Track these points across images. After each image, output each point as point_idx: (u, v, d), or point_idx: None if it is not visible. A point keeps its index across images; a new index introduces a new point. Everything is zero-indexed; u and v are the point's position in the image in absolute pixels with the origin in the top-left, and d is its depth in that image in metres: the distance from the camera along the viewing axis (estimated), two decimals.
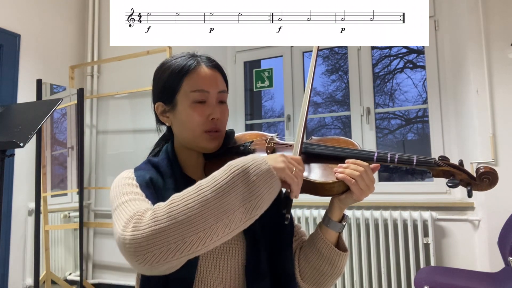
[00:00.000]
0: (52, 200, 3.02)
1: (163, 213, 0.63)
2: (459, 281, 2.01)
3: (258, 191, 0.65)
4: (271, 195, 0.67)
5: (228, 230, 0.64)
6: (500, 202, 2.25)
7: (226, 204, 0.63)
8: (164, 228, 0.61)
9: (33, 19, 3.00)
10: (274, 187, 0.67)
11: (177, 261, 0.63)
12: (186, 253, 0.62)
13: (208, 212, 0.62)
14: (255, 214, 0.66)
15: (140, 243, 0.61)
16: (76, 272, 3.17)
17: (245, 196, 0.64)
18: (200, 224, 0.62)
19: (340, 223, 0.86)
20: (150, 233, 0.61)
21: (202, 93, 0.84)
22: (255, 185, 0.65)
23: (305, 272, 0.88)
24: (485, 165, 0.78)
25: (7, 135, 1.71)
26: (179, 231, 0.61)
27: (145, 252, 0.61)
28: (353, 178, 0.76)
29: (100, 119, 3.37)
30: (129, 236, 0.62)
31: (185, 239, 0.61)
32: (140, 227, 0.62)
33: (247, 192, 0.64)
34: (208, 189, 0.64)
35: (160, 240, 0.61)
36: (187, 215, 0.62)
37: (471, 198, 2.51)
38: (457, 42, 2.60)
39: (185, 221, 0.62)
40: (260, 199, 0.65)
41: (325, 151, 0.85)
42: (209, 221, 0.62)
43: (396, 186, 2.79)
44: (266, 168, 0.67)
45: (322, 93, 3.41)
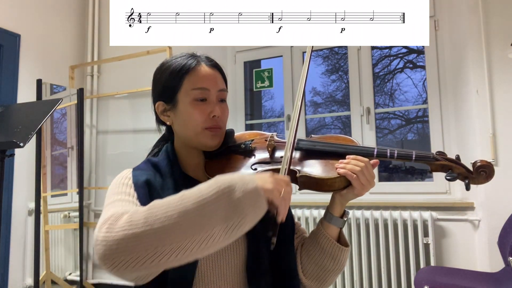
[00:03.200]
0: (52, 200, 3.02)
1: (140, 218, 0.60)
2: (459, 281, 2.01)
3: (242, 210, 0.61)
4: (255, 216, 0.63)
5: (205, 246, 0.60)
6: (500, 202, 2.25)
7: (206, 219, 0.59)
8: (137, 233, 0.58)
9: (33, 19, 3.00)
10: (260, 208, 0.63)
11: (145, 271, 0.60)
12: (156, 263, 0.59)
13: (186, 224, 0.59)
14: (235, 234, 0.61)
15: (111, 246, 0.58)
16: (76, 272, 3.17)
17: (228, 213, 0.60)
18: (175, 235, 0.58)
19: (341, 218, 0.87)
20: (122, 237, 0.58)
21: (202, 91, 0.85)
22: (240, 203, 0.61)
23: (308, 268, 0.89)
24: (481, 159, 0.81)
25: (7, 135, 1.71)
26: (152, 239, 0.58)
27: (113, 256, 0.58)
28: (354, 173, 0.78)
29: (100, 119, 3.37)
30: (101, 237, 0.60)
31: (157, 249, 0.58)
32: (114, 229, 0.60)
33: (230, 209, 0.60)
34: (191, 200, 0.60)
35: (131, 245, 0.58)
36: (164, 224, 0.58)
37: (471, 198, 2.51)
38: (457, 42, 2.60)
39: (160, 229, 0.58)
40: (243, 218, 0.61)
41: (325, 147, 0.87)
42: (185, 234, 0.59)
43: (396, 186, 2.79)
44: (253, 187, 0.62)
45: (322, 93, 3.41)
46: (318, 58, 3.40)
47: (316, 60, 3.41)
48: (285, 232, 0.88)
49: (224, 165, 0.87)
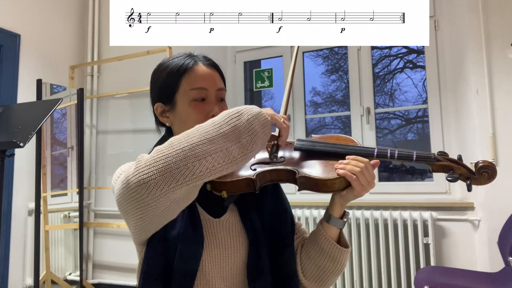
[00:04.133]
0: (52, 200, 3.02)
1: (164, 148, 0.67)
2: (459, 281, 2.01)
3: (251, 128, 0.70)
4: (264, 133, 0.71)
5: (227, 161, 0.67)
6: (500, 202, 2.25)
7: (224, 136, 0.68)
8: (167, 155, 0.65)
9: (33, 19, 3.00)
10: (267, 126, 0.72)
11: (181, 189, 0.65)
12: (191, 177, 0.65)
13: (208, 142, 0.67)
14: (250, 149, 0.70)
15: (143, 171, 0.64)
16: (76, 272, 3.17)
17: (241, 131, 0.69)
18: (201, 151, 0.66)
19: (341, 219, 0.86)
20: (152, 161, 0.65)
21: (201, 91, 0.84)
22: (249, 123, 0.70)
23: (307, 269, 0.89)
24: (483, 160, 0.80)
25: (7, 135, 1.71)
26: (182, 158, 0.64)
27: (147, 180, 0.64)
28: (354, 174, 0.77)
29: (100, 119, 3.37)
30: (132, 171, 0.66)
31: (188, 165, 0.64)
32: (141, 162, 0.66)
33: (242, 128, 0.69)
34: (207, 126, 0.69)
35: (163, 166, 0.64)
36: (190, 143, 0.66)
37: (471, 198, 2.51)
38: (457, 42, 2.60)
39: (187, 148, 0.65)
40: (255, 135, 0.70)
41: (325, 148, 0.86)
42: (209, 150, 0.66)
43: (396, 186, 2.79)
44: (258, 111, 0.72)
45: (322, 93, 3.41)
46: (318, 58, 3.40)
47: (316, 60, 3.41)
48: (285, 233, 0.88)
49: None
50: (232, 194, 0.82)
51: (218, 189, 0.82)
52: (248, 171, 0.83)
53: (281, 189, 0.95)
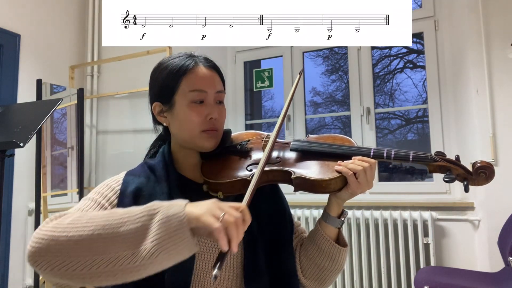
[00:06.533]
0: (52, 200, 3.02)
1: (65, 222, 0.61)
2: (459, 281, 2.00)
3: (154, 235, 0.57)
4: (174, 245, 0.57)
5: (112, 267, 0.57)
6: (500, 202, 2.24)
7: (119, 238, 0.58)
8: (55, 237, 0.60)
9: (33, 19, 3.00)
10: (179, 237, 0.56)
11: (62, 279, 0.59)
12: (71, 272, 0.58)
13: (96, 241, 0.58)
14: (147, 262, 0.56)
15: (36, 241, 0.61)
16: None
17: (138, 237, 0.58)
18: (82, 249, 0.58)
19: (339, 218, 0.86)
20: (44, 236, 0.60)
21: (200, 93, 0.84)
22: (156, 227, 0.57)
23: (307, 268, 0.88)
24: (481, 160, 0.79)
25: (7, 135, 1.71)
26: (64, 247, 0.59)
27: (36, 254, 0.60)
28: (351, 171, 0.77)
29: (100, 119, 3.37)
30: (34, 233, 0.63)
31: (71, 258, 0.58)
32: (43, 227, 0.63)
33: (143, 233, 0.58)
34: (115, 217, 0.60)
35: (49, 248, 0.59)
36: (80, 234, 0.59)
37: (471, 198, 2.51)
38: (457, 42, 2.59)
39: (75, 238, 0.59)
40: (157, 244, 0.56)
41: (321, 148, 0.85)
42: (89, 251, 0.58)
43: (396, 186, 2.79)
44: (174, 213, 0.58)
45: (322, 93, 3.41)
46: (318, 58, 3.40)
47: (316, 60, 3.41)
48: (283, 233, 0.88)
49: (220, 165, 0.86)
50: (229, 195, 0.82)
51: (214, 190, 0.82)
52: (244, 172, 0.83)
53: (279, 189, 0.95)
